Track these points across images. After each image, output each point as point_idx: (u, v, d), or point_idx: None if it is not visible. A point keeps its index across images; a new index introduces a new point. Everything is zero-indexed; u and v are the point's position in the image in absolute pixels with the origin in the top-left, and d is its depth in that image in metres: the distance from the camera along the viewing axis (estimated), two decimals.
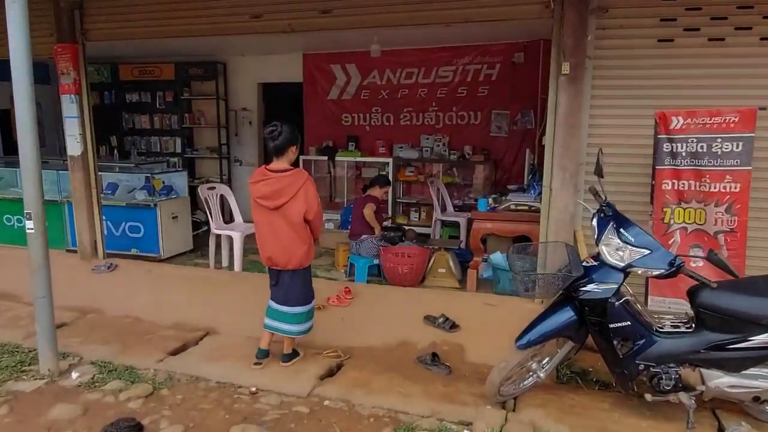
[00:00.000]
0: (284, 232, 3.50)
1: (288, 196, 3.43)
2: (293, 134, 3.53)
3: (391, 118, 8.23)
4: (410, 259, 5.43)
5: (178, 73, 8.63)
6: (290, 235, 3.50)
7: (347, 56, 8.19)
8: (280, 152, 3.50)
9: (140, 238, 6.25)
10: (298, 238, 3.53)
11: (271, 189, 3.44)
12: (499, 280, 4.98)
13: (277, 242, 3.52)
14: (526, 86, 7.43)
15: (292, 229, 3.50)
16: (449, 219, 6.91)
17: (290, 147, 3.51)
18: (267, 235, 3.56)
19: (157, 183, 6.59)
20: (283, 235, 3.50)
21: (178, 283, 5.32)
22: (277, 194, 3.44)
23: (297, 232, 3.51)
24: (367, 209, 5.69)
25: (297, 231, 3.51)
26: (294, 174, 3.47)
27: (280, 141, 3.47)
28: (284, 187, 3.43)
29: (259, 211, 3.56)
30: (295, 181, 3.44)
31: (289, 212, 3.47)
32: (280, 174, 3.45)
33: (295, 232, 3.51)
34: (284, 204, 3.45)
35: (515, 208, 5.13)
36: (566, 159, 4.23)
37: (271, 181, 3.45)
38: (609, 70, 4.20)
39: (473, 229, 5.22)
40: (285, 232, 3.50)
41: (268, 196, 3.46)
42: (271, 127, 3.49)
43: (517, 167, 7.75)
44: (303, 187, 3.46)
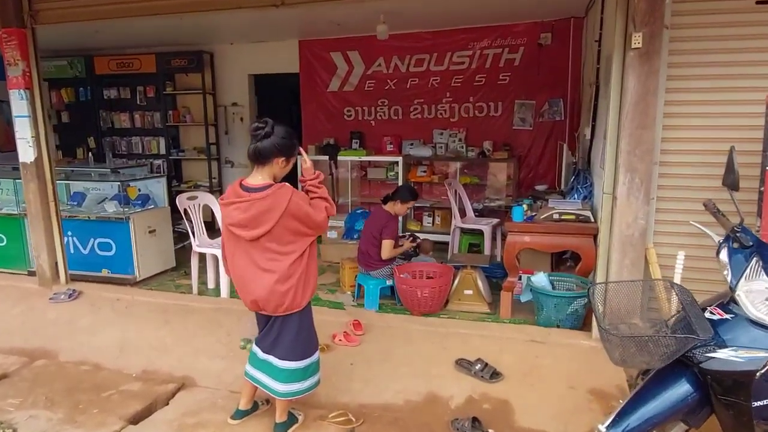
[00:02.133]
0: (269, 267, 2.58)
1: (268, 224, 2.51)
2: (286, 140, 2.58)
3: (400, 112, 7.29)
4: (432, 281, 4.51)
5: (160, 65, 7.69)
6: (279, 270, 2.59)
7: (349, 42, 7.25)
8: (262, 160, 2.57)
9: (111, 256, 5.33)
10: (290, 272, 2.61)
11: (246, 216, 2.52)
12: (542, 308, 4.05)
13: (261, 282, 2.60)
14: (554, 72, 6.53)
15: (280, 263, 2.59)
16: (471, 227, 5.98)
17: (276, 157, 2.57)
18: (246, 273, 2.63)
19: (132, 191, 5.67)
20: (269, 272, 2.59)
21: (151, 314, 4.40)
22: (254, 223, 2.52)
23: (288, 265, 2.60)
24: (386, 244, 4.63)
25: (287, 263, 2.60)
26: (273, 195, 2.51)
27: (264, 145, 2.54)
28: (261, 213, 2.50)
29: (233, 241, 2.64)
30: (275, 205, 2.50)
31: (273, 243, 2.56)
32: (257, 195, 2.51)
33: (286, 265, 2.60)
34: (265, 234, 2.53)
35: (559, 217, 4.20)
36: (636, 158, 3.29)
37: (244, 206, 2.52)
38: (692, 42, 3.26)
39: (508, 243, 4.29)
40: (271, 267, 2.59)
41: (244, 224, 2.54)
42: (257, 124, 2.55)
43: (543, 165, 6.83)
44: (287, 210, 2.51)
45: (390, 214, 4.76)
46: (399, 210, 4.82)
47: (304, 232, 2.61)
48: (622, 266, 3.44)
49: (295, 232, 2.58)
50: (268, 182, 2.59)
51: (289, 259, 2.59)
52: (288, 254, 2.59)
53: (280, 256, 2.58)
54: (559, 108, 6.64)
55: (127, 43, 7.62)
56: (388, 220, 4.70)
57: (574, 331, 3.84)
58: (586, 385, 3.18)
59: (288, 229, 2.55)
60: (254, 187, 2.57)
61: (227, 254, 2.70)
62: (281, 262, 2.59)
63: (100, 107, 8.29)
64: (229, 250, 2.68)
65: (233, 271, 2.70)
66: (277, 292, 2.59)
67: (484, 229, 5.81)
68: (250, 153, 2.57)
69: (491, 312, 4.56)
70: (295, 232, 2.58)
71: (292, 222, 2.55)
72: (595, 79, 4.68)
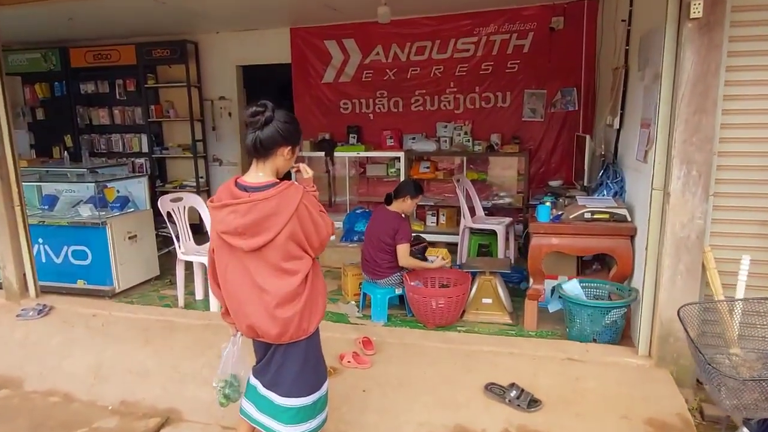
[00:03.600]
0: (271, 285, 2.09)
1: (274, 230, 2.02)
2: (290, 125, 2.10)
3: (400, 104, 6.79)
4: (447, 290, 4.04)
5: (141, 57, 7.11)
6: (282, 290, 2.10)
7: (344, 29, 6.74)
8: (264, 152, 2.08)
9: (87, 266, 4.79)
10: (295, 293, 2.12)
11: (245, 221, 2.02)
12: (575, 319, 3.59)
13: (261, 304, 2.10)
14: (566, 59, 6.07)
15: (284, 281, 2.10)
16: (482, 227, 5.50)
17: (281, 147, 2.09)
18: (242, 293, 2.13)
19: (110, 193, 5.14)
20: (270, 292, 2.09)
21: (131, 332, 3.88)
22: (255, 229, 2.02)
23: (293, 285, 2.11)
24: (403, 249, 4.11)
25: (293, 282, 2.11)
26: (283, 194, 2.03)
27: (266, 133, 2.05)
28: (266, 217, 2.01)
29: (225, 252, 2.14)
30: (283, 206, 2.02)
31: (276, 256, 2.07)
32: (260, 195, 2.03)
33: (290, 284, 2.11)
34: (268, 243, 2.04)
35: (591, 216, 3.74)
36: (693, 147, 2.83)
37: (243, 209, 2.02)
38: (758, 12, 2.80)
39: (533, 247, 3.82)
40: (273, 286, 2.09)
41: (241, 231, 2.04)
42: (255, 108, 2.06)
43: (556, 159, 6.37)
44: (297, 212, 2.04)
45: (399, 215, 4.26)
46: (407, 207, 4.31)
47: (304, 248, 2.12)
48: (675, 273, 2.98)
49: (299, 243, 2.10)
50: (272, 179, 2.10)
51: (295, 280, 2.10)
52: (293, 273, 2.10)
53: (284, 274, 2.09)
54: (572, 97, 6.18)
55: (104, 33, 7.06)
56: (399, 222, 4.19)
57: (616, 347, 3.38)
58: (642, 414, 2.72)
59: (294, 239, 2.07)
60: (255, 186, 2.07)
61: (219, 268, 2.20)
62: (285, 280, 2.09)
63: (77, 103, 7.70)
64: (221, 264, 2.17)
65: (226, 288, 2.19)
66: (279, 317, 2.10)
67: (497, 230, 5.34)
68: (250, 145, 2.07)
69: (513, 323, 4.09)
70: (299, 243, 2.10)
71: (298, 231, 2.07)
72: (624, 63, 4.22)
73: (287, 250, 2.07)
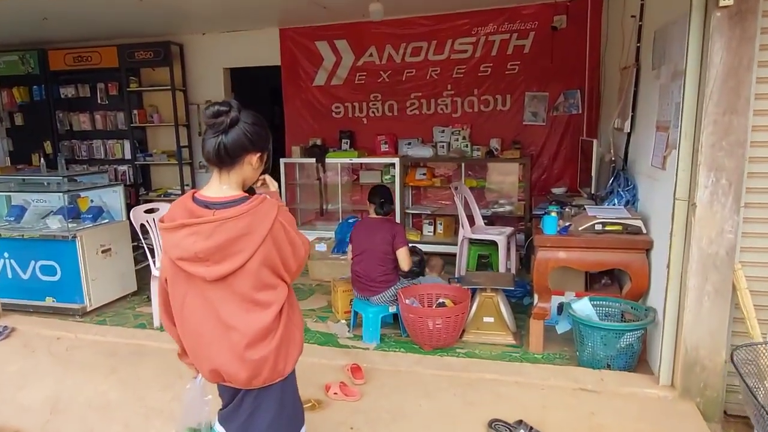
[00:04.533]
0: (239, 321, 1.73)
1: (244, 255, 1.66)
2: (258, 128, 1.74)
3: (395, 107, 6.46)
4: (446, 310, 3.69)
5: (123, 59, 6.76)
6: (254, 326, 1.74)
7: (336, 29, 6.42)
8: (229, 161, 1.72)
9: (56, 282, 4.44)
10: (268, 330, 1.76)
11: (208, 244, 1.65)
12: (586, 342, 3.24)
13: (228, 343, 1.74)
14: (570, 59, 5.75)
15: (255, 315, 1.75)
16: (482, 237, 5.16)
17: (249, 153, 1.74)
18: (203, 331, 1.76)
19: (83, 203, 4.79)
20: (238, 329, 1.74)
21: (96, 358, 3.52)
22: (221, 253, 1.66)
23: (266, 320, 1.76)
24: (404, 253, 3.84)
25: (266, 317, 1.76)
26: (255, 210, 1.67)
27: (231, 138, 1.69)
28: (235, 239, 1.65)
29: (182, 282, 1.77)
30: (256, 226, 1.66)
31: (246, 285, 1.71)
32: (229, 212, 1.66)
33: (263, 319, 1.75)
34: (237, 270, 1.68)
35: (602, 228, 3.40)
36: (722, 152, 2.51)
37: (206, 229, 1.65)
38: None
39: (539, 262, 3.49)
40: (242, 322, 1.74)
41: (203, 257, 1.67)
42: (218, 108, 1.69)
43: (559, 165, 6.04)
44: (272, 231, 1.69)
45: (391, 220, 4.04)
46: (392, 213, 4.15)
47: (279, 274, 1.77)
48: (702, 293, 2.65)
49: (273, 269, 1.75)
50: (239, 193, 1.75)
51: (269, 313, 1.74)
52: (266, 306, 1.74)
53: (255, 307, 1.73)
54: (575, 100, 5.86)
55: (84, 34, 6.72)
56: (394, 225, 3.96)
57: (634, 376, 3.04)
58: None
59: (269, 264, 1.72)
60: (220, 201, 1.71)
61: (173, 302, 1.83)
62: (256, 315, 1.73)
63: (57, 107, 7.35)
64: (176, 297, 1.80)
65: (183, 326, 1.83)
66: (250, 359, 1.74)
67: (498, 240, 5.00)
68: (211, 152, 1.70)
69: (517, 344, 3.75)
70: (273, 269, 1.75)
71: (273, 254, 1.72)
72: (635, 61, 3.91)
73: (260, 279, 1.71)
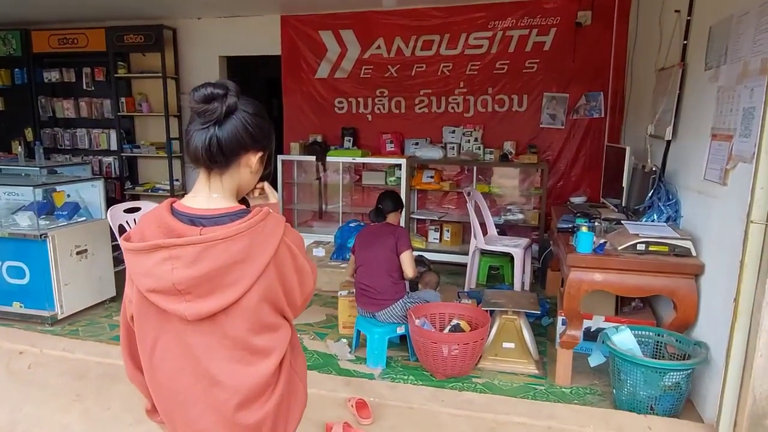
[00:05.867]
0: (229, 375, 1.28)
1: (239, 287, 1.21)
2: (260, 120, 1.30)
3: (402, 104, 6.03)
4: (464, 335, 3.25)
5: (111, 42, 6.28)
6: (247, 381, 1.28)
7: (342, 18, 5.97)
8: (223, 161, 1.27)
9: (25, 286, 3.97)
10: (266, 385, 1.31)
11: (192, 273, 1.19)
12: (624, 378, 2.83)
13: (212, 403, 1.28)
14: (593, 59, 5.37)
15: (251, 368, 1.29)
16: (496, 249, 4.74)
17: (249, 152, 1.30)
18: (180, 386, 1.30)
19: (59, 197, 4.32)
20: (227, 386, 1.28)
21: (61, 380, 3.07)
22: (209, 285, 1.20)
23: (265, 373, 1.30)
24: (408, 257, 3.45)
25: (265, 369, 1.30)
26: (256, 229, 1.22)
27: (228, 131, 1.24)
28: (228, 266, 1.20)
29: (153, 321, 1.30)
30: (256, 249, 1.22)
31: (240, 327, 1.26)
32: (221, 231, 1.20)
33: (261, 372, 1.30)
34: (229, 308, 1.23)
35: (645, 248, 2.99)
36: None
37: (189, 253, 1.19)
38: None
39: (571, 284, 3.06)
40: (232, 376, 1.28)
41: (184, 289, 1.21)
42: (211, 90, 1.24)
43: (577, 172, 5.63)
44: (276, 257, 1.25)
45: (394, 225, 3.66)
46: (396, 220, 3.76)
47: (282, 311, 1.33)
48: None
49: (276, 306, 1.31)
50: (234, 205, 1.30)
51: (268, 364, 1.30)
52: (266, 354, 1.30)
53: (251, 356, 1.29)
54: (598, 103, 5.46)
55: (70, 15, 6.24)
56: (396, 229, 3.58)
57: (685, 425, 2.62)
58: None
59: (270, 298, 1.27)
60: (209, 215, 1.26)
61: (141, 346, 1.35)
62: (252, 367, 1.29)
63: (40, 92, 6.87)
64: (146, 339, 1.32)
65: (154, 378, 1.34)
66: (242, 425, 1.28)
67: (515, 254, 4.57)
68: (201, 149, 1.24)
69: (541, 374, 3.33)
70: (276, 306, 1.31)
71: (275, 286, 1.27)
72: (680, 61, 3.49)
73: (259, 318, 1.27)
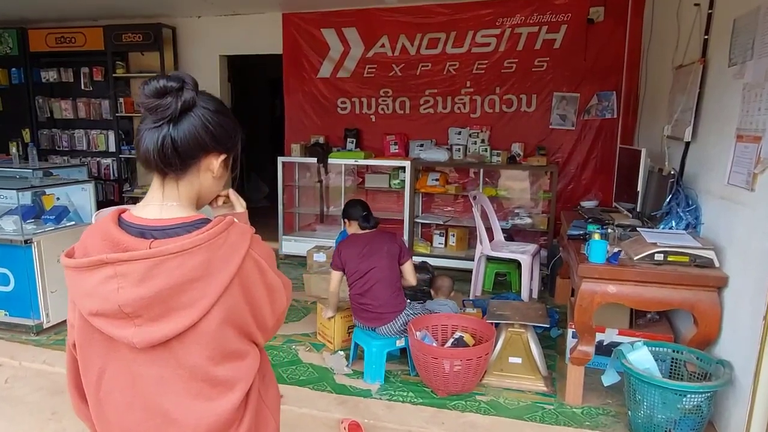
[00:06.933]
0: (185, 411, 1.08)
1: (196, 309, 1.02)
2: (225, 120, 1.13)
3: (407, 105, 5.83)
4: (467, 351, 3.04)
5: (110, 41, 6.15)
6: (205, 419, 1.09)
7: (344, 16, 5.79)
8: (181, 165, 1.10)
9: (9, 293, 3.81)
10: (228, 423, 1.11)
11: (141, 293, 1.00)
12: (640, 399, 2.61)
13: None
14: (606, 57, 5.15)
15: (210, 404, 1.09)
16: (502, 255, 4.53)
17: (210, 154, 1.13)
18: (128, 423, 1.11)
19: (48, 201, 4.17)
20: (182, 424, 1.08)
21: (37, 397, 2.89)
22: (161, 307, 1.02)
23: (226, 409, 1.10)
24: (411, 268, 3.33)
25: (227, 404, 1.10)
26: (215, 242, 1.04)
27: (185, 130, 1.07)
28: (183, 284, 1.01)
29: (99, 349, 1.10)
30: (216, 265, 1.03)
31: (200, 356, 1.07)
32: (175, 243, 1.02)
33: (222, 408, 1.10)
34: (184, 333, 1.03)
35: (664, 259, 2.76)
36: None
37: (137, 269, 1.00)
38: None
39: (583, 295, 2.85)
40: (188, 412, 1.08)
41: (132, 312, 1.02)
42: (165, 82, 1.05)
43: (588, 174, 5.40)
44: (240, 273, 1.06)
45: (391, 233, 3.46)
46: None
47: (250, 335, 1.15)
48: None
49: (242, 329, 1.12)
50: (192, 214, 1.12)
51: (232, 398, 1.11)
52: (228, 386, 1.11)
53: (212, 389, 1.10)
54: (610, 102, 5.23)
55: (67, 14, 6.11)
56: (394, 236, 3.42)
57: None
58: None
59: (234, 321, 1.09)
60: (160, 227, 1.08)
61: (86, 377, 1.15)
62: (212, 403, 1.10)
63: (37, 93, 6.74)
64: (90, 369, 1.13)
65: (99, 415, 1.15)
66: None
67: (522, 260, 4.36)
68: (153, 151, 1.06)
69: (550, 391, 3.11)
70: (242, 329, 1.12)
71: (241, 307, 1.09)
72: (701, 57, 3.27)
73: (220, 345, 1.08)
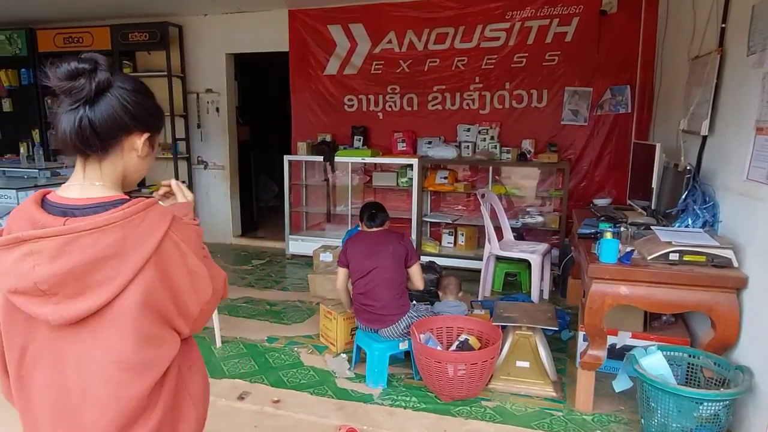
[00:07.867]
0: (98, 394, 1.04)
1: (111, 287, 0.99)
2: (143, 99, 1.11)
3: (415, 101, 5.72)
4: (473, 354, 2.94)
5: (116, 41, 6.11)
6: (118, 403, 1.04)
7: (352, 12, 5.70)
8: (98, 146, 1.07)
9: None
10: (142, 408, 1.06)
11: (54, 269, 0.97)
12: (653, 407, 2.48)
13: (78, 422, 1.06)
14: (619, 49, 5.00)
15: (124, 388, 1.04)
16: (512, 255, 4.40)
17: (131, 134, 1.11)
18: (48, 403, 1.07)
19: None
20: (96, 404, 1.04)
21: None
22: (75, 284, 0.99)
23: (139, 392, 1.05)
24: (418, 270, 3.27)
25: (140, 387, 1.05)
26: (132, 220, 1.00)
27: (101, 111, 1.05)
28: (97, 261, 0.98)
29: (20, 328, 1.07)
30: (132, 243, 1.00)
31: (116, 335, 1.03)
32: (87, 221, 0.99)
33: (135, 391, 1.05)
34: (100, 311, 1.00)
35: (679, 258, 2.63)
36: None
37: (51, 247, 0.98)
38: None
39: (593, 296, 2.72)
40: (101, 394, 1.04)
41: (47, 289, 0.99)
42: (75, 65, 1.03)
43: (601, 171, 5.26)
44: (157, 253, 1.02)
45: (397, 234, 3.33)
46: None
47: (170, 321, 1.09)
48: None
49: (160, 314, 1.06)
50: (114, 194, 1.09)
51: (145, 382, 1.06)
52: (142, 370, 1.06)
53: (127, 371, 1.04)
54: (624, 97, 5.07)
55: (74, 14, 6.10)
56: (402, 236, 3.29)
57: None
58: None
59: (153, 304, 1.04)
60: (81, 205, 1.05)
61: (9, 356, 1.11)
62: (126, 387, 1.05)
63: (46, 93, 6.73)
64: (13, 349, 1.09)
65: (24, 394, 1.10)
66: None
67: (532, 260, 4.23)
68: (70, 133, 1.04)
69: (559, 397, 2.99)
70: (160, 314, 1.06)
71: (157, 290, 1.04)
72: (718, 47, 3.12)
73: (137, 328, 1.03)
